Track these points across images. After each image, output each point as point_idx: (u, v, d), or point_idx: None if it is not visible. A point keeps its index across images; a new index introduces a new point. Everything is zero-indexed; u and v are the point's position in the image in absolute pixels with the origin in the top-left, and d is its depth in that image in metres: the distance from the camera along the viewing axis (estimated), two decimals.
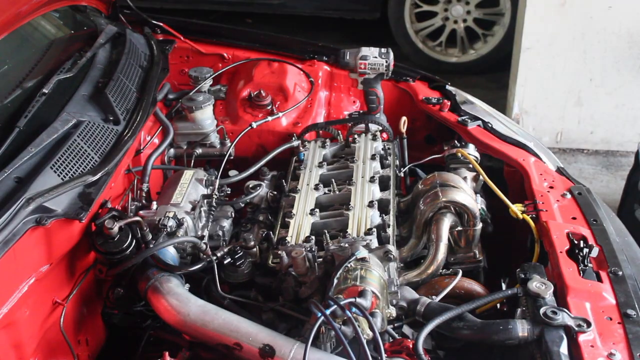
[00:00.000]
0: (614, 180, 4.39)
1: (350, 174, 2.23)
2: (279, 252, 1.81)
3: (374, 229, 1.89)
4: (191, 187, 2.10)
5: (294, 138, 2.50)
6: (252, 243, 1.93)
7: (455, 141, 2.43)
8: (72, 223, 1.74)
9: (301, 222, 1.99)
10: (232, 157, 2.45)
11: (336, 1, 5.79)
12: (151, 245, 1.81)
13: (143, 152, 2.28)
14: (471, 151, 2.37)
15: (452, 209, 2.01)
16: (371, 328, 1.50)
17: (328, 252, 1.75)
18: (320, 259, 1.77)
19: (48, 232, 1.67)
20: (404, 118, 2.50)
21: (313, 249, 1.80)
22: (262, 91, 2.61)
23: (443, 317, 1.66)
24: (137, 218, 1.84)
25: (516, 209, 2.04)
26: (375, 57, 2.48)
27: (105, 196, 1.89)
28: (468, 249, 2.06)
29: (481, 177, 2.23)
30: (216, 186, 2.16)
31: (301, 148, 2.44)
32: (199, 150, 2.50)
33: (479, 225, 2.04)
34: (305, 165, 2.30)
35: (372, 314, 1.56)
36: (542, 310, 1.60)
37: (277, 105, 2.63)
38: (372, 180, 2.15)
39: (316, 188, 2.16)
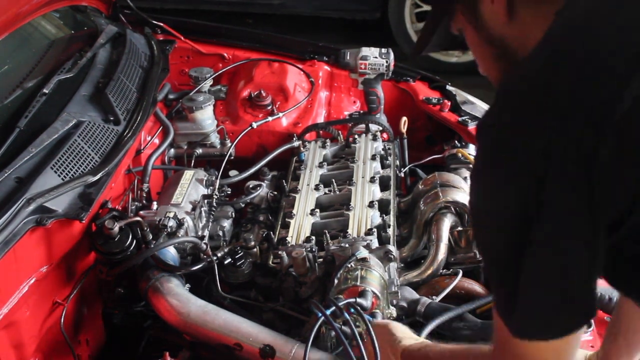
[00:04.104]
0: None
1: (350, 174, 2.22)
2: (280, 252, 1.81)
3: (375, 229, 1.89)
4: (191, 187, 2.10)
5: (294, 138, 2.50)
6: (253, 243, 1.93)
7: (456, 141, 2.43)
8: (73, 223, 1.74)
9: (301, 223, 1.99)
10: (232, 157, 2.44)
11: (336, 1, 5.77)
12: (151, 246, 1.81)
13: (143, 152, 2.28)
14: (471, 151, 2.36)
15: (453, 209, 2.01)
16: (367, 330, 1.49)
17: (328, 252, 1.74)
18: (321, 259, 1.77)
19: (48, 233, 1.67)
20: (404, 118, 2.50)
21: (313, 249, 1.79)
22: (262, 91, 2.61)
23: (443, 317, 1.66)
24: (138, 218, 1.84)
25: None
26: (376, 57, 2.48)
27: (106, 196, 1.89)
28: (468, 249, 2.05)
29: None
30: (216, 186, 2.16)
31: (301, 148, 2.43)
32: (199, 151, 2.49)
33: None
34: (305, 166, 2.30)
35: (372, 314, 1.56)
36: None
37: (277, 106, 2.62)
38: (372, 180, 2.15)
39: (316, 188, 2.15)
